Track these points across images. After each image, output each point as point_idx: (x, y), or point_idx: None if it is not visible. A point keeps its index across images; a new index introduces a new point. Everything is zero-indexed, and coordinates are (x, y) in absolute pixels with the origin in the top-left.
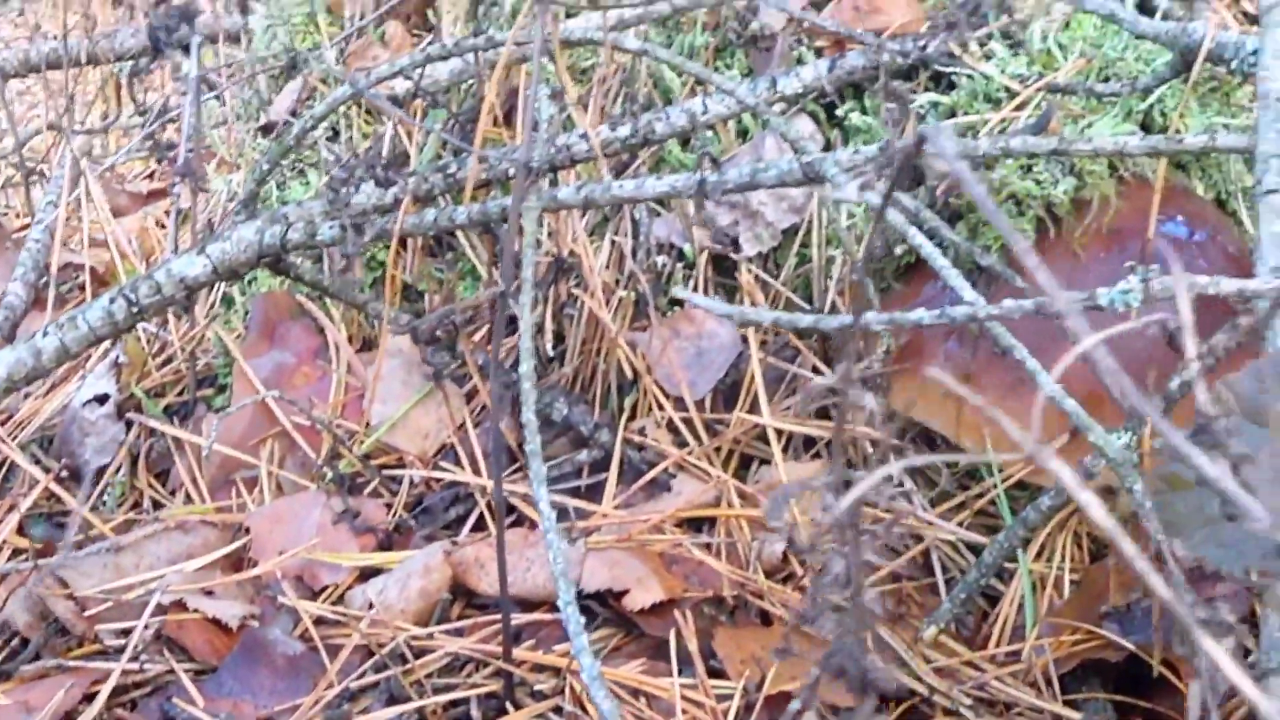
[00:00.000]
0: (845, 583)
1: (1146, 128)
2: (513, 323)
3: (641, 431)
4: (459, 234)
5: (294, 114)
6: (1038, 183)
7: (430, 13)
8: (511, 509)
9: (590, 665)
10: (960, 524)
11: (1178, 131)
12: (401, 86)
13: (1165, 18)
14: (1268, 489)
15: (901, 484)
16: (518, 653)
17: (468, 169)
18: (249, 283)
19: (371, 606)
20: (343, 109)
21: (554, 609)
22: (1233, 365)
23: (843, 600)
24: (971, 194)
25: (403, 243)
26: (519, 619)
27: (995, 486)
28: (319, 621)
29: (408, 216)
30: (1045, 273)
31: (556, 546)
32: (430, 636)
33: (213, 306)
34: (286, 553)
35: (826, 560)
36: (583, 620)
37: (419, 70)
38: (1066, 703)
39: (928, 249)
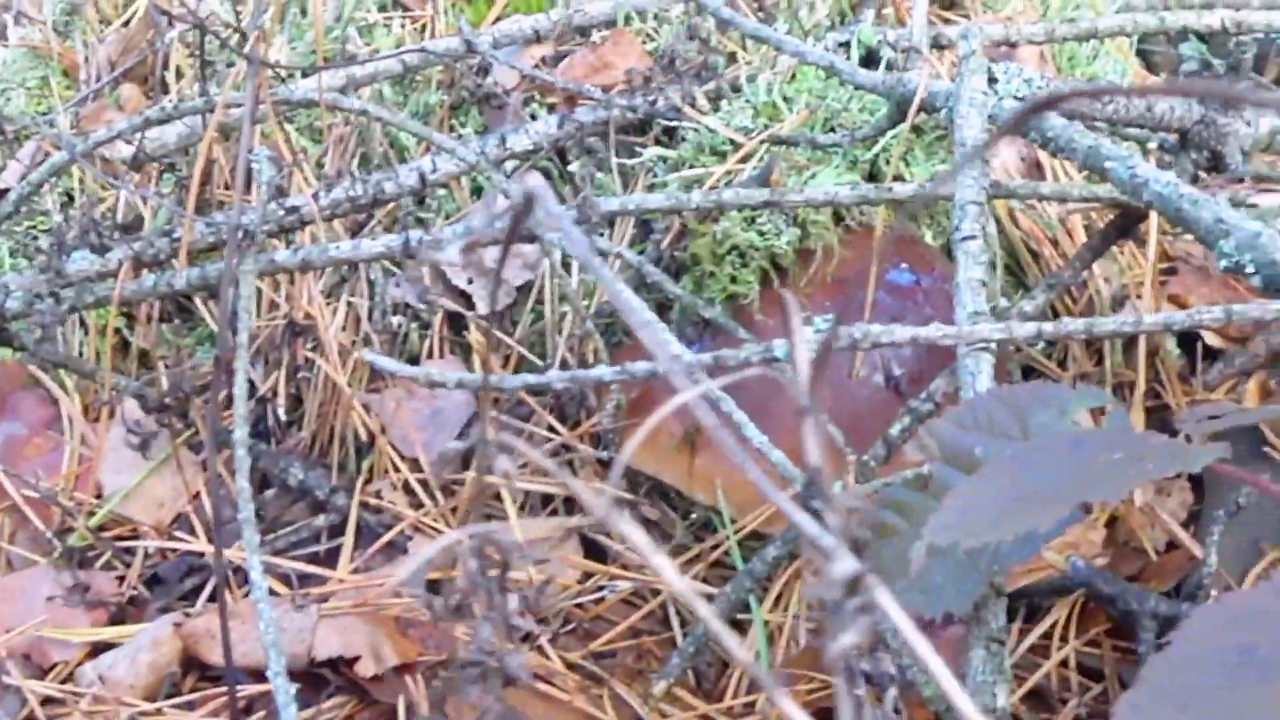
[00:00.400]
0: (491, 647)
1: (873, 176)
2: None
3: (378, 494)
4: (195, 299)
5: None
6: (761, 234)
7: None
8: (246, 578)
9: None
10: (696, 576)
11: (900, 179)
12: (130, 150)
13: (889, 67)
14: (955, 528)
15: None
16: None
17: (195, 233)
18: None
19: (100, 682)
20: (77, 176)
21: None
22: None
23: (490, 663)
24: (576, 252)
25: (138, 309)
26: (249, 690)
27: (729, 538)
28: (46, 701)
29: (128, 282)
30: (659, 336)
31: (267, 615)
32: (159, 711)
33: None
34: (14, 630)
35: (475, 626)
36: (302, 690)
37: (140, 134)
38: None
39: (622, 301)
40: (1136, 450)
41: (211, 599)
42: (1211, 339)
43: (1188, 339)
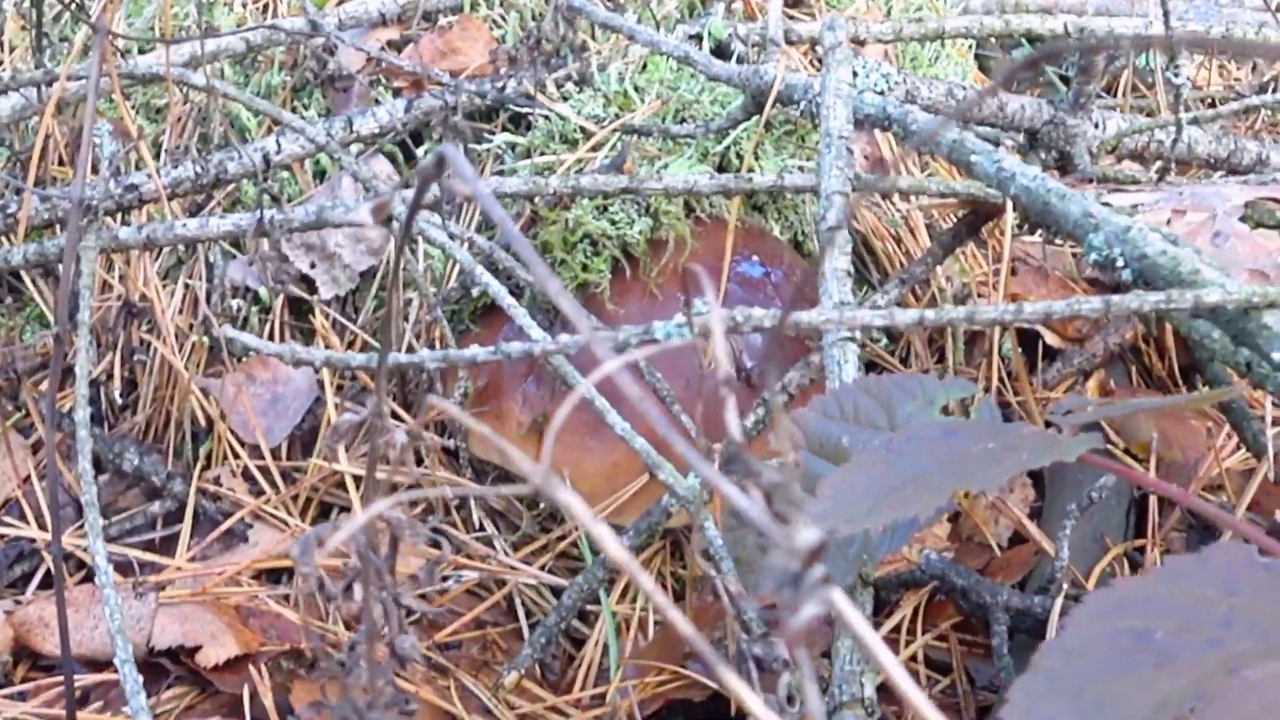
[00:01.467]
0: (380, 628)
1: (723, 169)
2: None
3: (217, 481)
4: (25, 277)
5: None
6: (613, 222)
7: None
8: (81, 565)
9: None
10: (543, 567)
11: (750, 171)
12: None
13: (740, 61)
14: (832, 516)
15: (483, 528)
16: (83, 716)
17: (29, 208)
18: None
19: None
20: None
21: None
22: (805, 400)
23: (382, 645)
24: (495, 217)
25: None
26: (86, 679)
27: (576, 529)
28: None
29: None
30: (576, 310)
31: (113, 601)
32: None
33: None
34: None
35: (361, 607)
36: (142, 680)
37: None
38: None
39: (494, 287)
40: (1010, 440)
41: (41, 586)
42: (1051, 338)
43: (1027, 339)
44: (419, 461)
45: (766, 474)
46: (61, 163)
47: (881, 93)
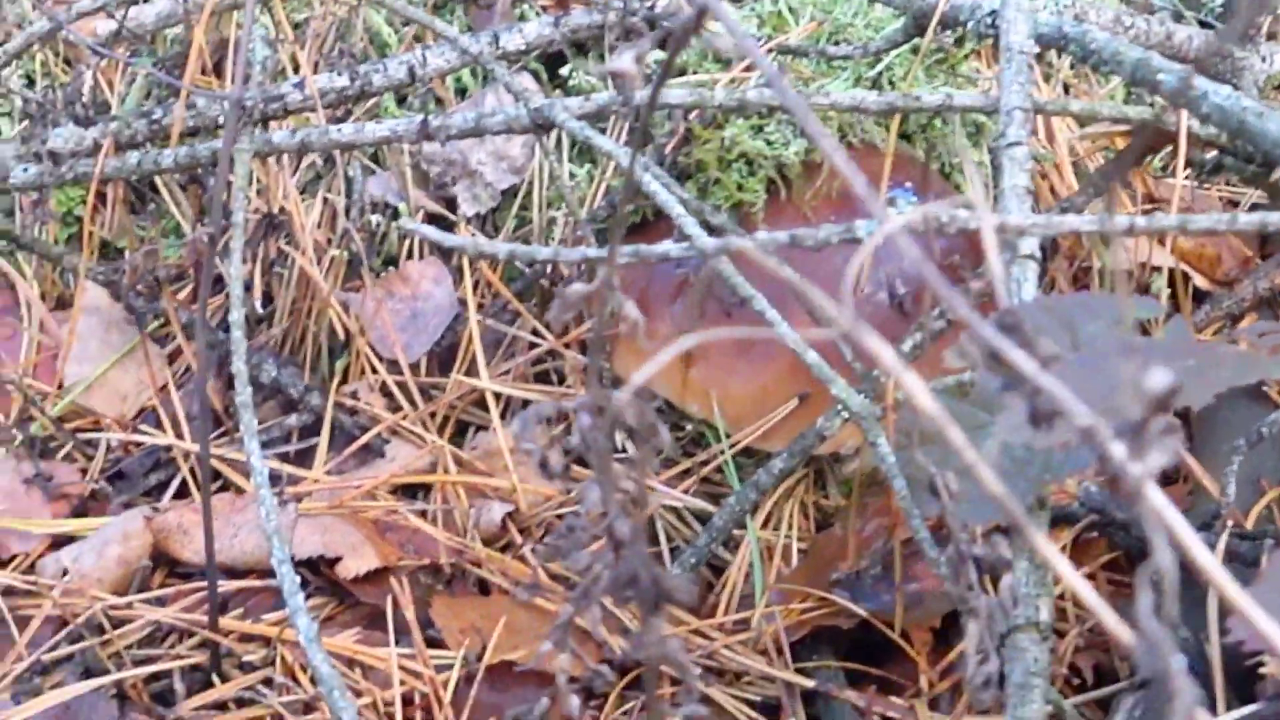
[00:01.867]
0: (603, 511)
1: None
2: (219, 281)
3: (354, 395)
4: (162, 189)
5: None
6: (769, 143)
7: None
8: (217, 475)
9: (307, 626)
10: (686, 491)
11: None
12: (105, 29)
13: None
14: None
15: (623, 450)
16: (224, 623)
17: (173, 115)
18: None
19: (65, 575)
20: (39, 57)
21: (263, 576)
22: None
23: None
24: (761, 66)
25: (101, 197)
26: (226, 587)
27: (722, 453)
28: (7, 592)
29: (109, 160)
30: (854, 171)
31: (269, 502)
32: (129, 606)
33: None
34: None
35: (583, 488)
36: (296, 580)
37: (123, 10)
38: (798, 670)
39: (663, 195)
40: (1209, 358)
41: (178, 495)
42: (1200, 281)
43: (1175, 282)
44: (561, 379)
45: (1045, 345)
46: (204, 72)
47: (1061, 10)
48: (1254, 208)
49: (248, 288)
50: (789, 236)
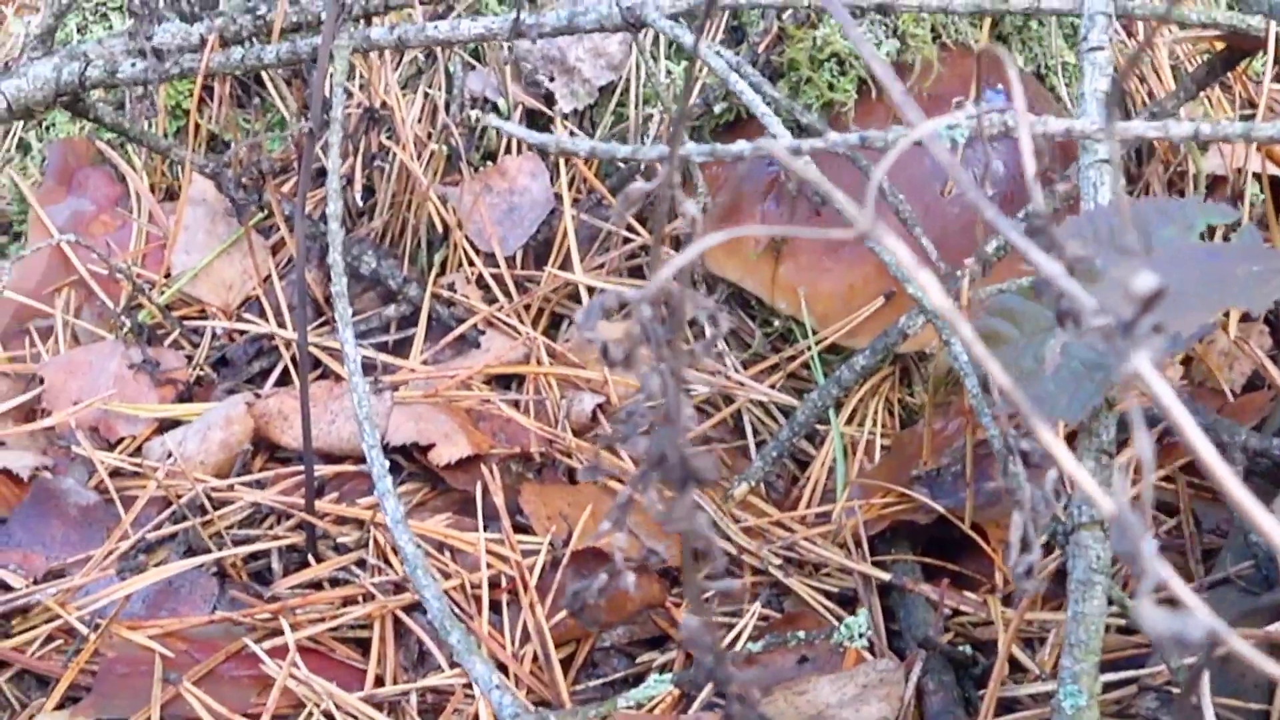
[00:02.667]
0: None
1: None
2: (321, 174)
3: (451, 287)
4: (267, 83)
5: None
6: None
7: None
8: (316, 363)
9: (394, 509)
10: (773, 386)
11: None
12: None
13: None
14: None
15: (714, 344)
16: (320, 505)
17: (276, 10)
18: (46, 129)
19: (170, 457)
20: None
21: (358, 462)
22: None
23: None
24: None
25: (208, 91)
26: (322, 472)
27: (809, 349)
28: (115, 473)
29: (214, 55)
30: (891, 78)
31: (360, 388)
32: (230, 488)
33: (8, 153)
34: (81, 403)
35: (643, 377)
36: (388, 466)
37: None
38: (875, 564)
39: (749, 95)
40: (1276, 264)
41: (279, 382)
42: None
43: (1274, 188)
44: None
45: (1072, 247)
46: None
47: None
48: None
49: (349, 181)
50: (859, 138)
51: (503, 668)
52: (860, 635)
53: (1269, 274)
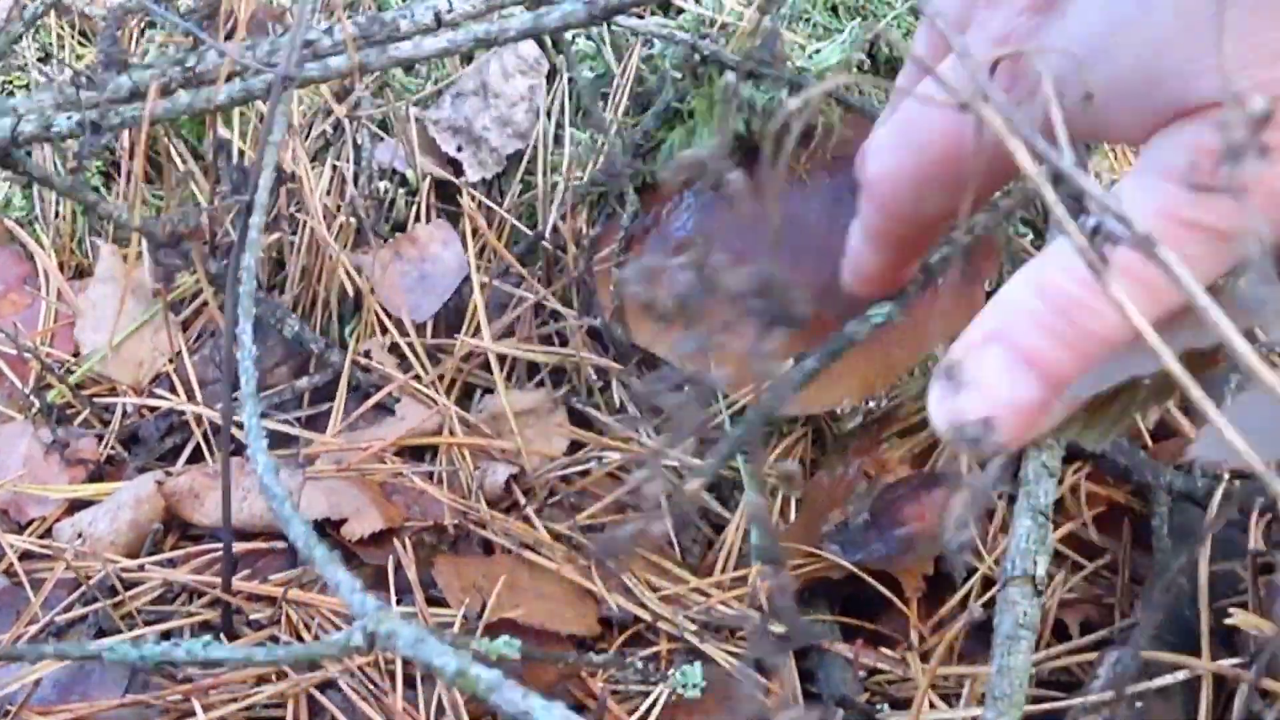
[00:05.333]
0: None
1: (873, 57)
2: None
3: (367, 354)
4: (176, 160)
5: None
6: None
7: None
8: (229, 439)
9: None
10: (686, 450)
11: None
12: None
13: None
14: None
15: (624, 409)
16: (235, 583)
17: (206, 63)
18: None
19: (80, 538)
20: (55, 31)
21: (270, 539)
22: None
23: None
24: None
25: (115, 167)
26: (235, 548)
27: (721, 411)
28: (24, 556)
29: (159, 103)
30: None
31: (263, 464)
32: (141, 568)
33: None
34: None
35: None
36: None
37: None
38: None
39: None
40: None
41: (192, 459)
42: None
43: None
44: (564, 342)
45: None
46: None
47: None
48: None
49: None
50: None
51: None
52: (694, 686)
53: None
